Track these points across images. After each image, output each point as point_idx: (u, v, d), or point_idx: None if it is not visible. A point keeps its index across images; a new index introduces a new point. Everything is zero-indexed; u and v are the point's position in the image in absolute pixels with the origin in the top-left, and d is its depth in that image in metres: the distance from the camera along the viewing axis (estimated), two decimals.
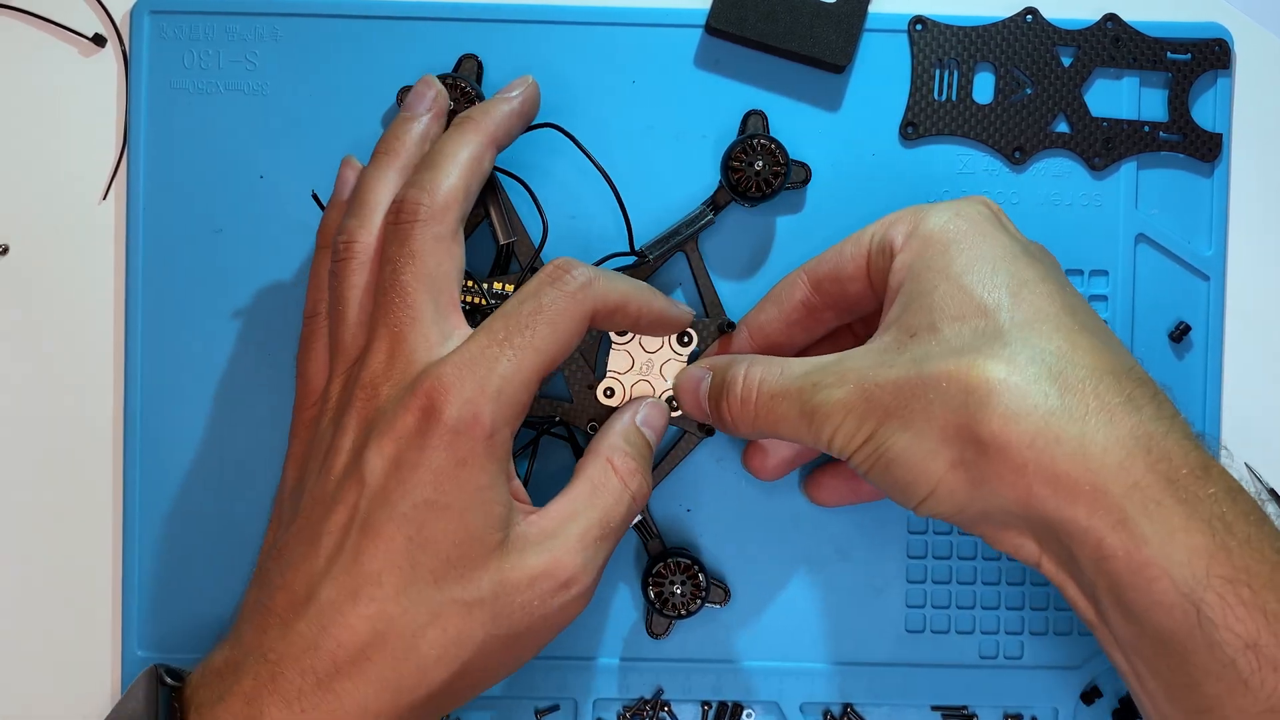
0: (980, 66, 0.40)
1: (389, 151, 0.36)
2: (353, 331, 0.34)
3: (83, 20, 0.40)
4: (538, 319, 0.32)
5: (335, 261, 0.35)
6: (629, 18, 0.40)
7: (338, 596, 0.30)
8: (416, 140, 0.36)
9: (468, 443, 0.31)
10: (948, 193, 0.40)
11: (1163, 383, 0.39)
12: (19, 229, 0.40)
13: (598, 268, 0.34)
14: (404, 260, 0.33)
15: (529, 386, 0.32)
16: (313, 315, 0.36)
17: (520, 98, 0.37)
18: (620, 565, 0.40)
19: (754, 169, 0.38)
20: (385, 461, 0.31)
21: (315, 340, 0.36)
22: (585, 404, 0.38)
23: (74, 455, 0.40)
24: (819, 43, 0.39)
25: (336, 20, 0.40)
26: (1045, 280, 0.32)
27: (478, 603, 0.31)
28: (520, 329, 0.32)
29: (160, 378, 0.40)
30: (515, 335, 0.32)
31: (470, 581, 0.31)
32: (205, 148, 0.40)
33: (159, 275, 0.40)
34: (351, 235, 0.34)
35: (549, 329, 0.32)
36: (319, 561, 0.31)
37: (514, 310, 0.33)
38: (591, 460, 0.35)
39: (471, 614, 0.31)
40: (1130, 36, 0.40)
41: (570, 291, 0.33)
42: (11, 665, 0.40)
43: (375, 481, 0.31)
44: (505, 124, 0.36)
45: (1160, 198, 0.40)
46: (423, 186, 0.34)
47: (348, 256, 0.34)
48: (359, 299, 0.34)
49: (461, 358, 0.32)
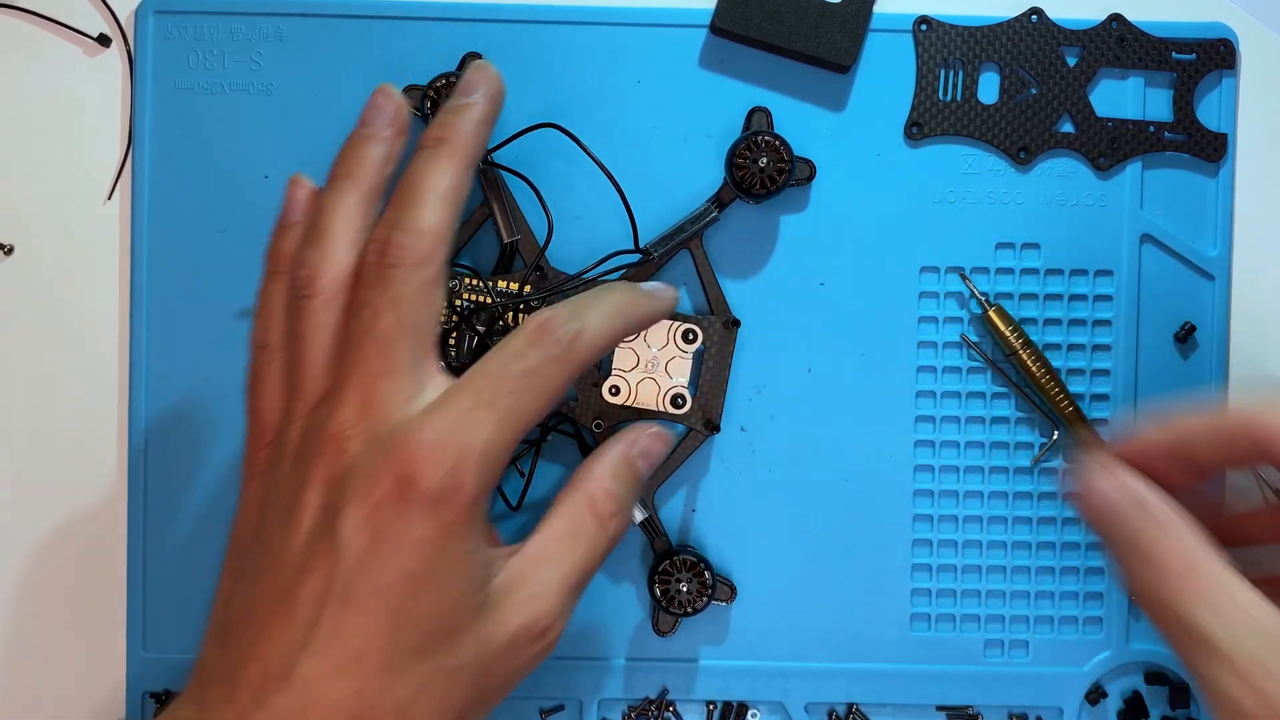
0: (985, 66, 0.40)
1: (349, 175, 0.34)
2: (316, 373, 0.32)
3: (87, 20, 0.40)
4: (525, 383, 0.31)
5: (297, 297, 0.33)
6: (633, 18, 0.40)
7: (319, 673, 0.29)
8: (378, 162, 0.34)
9: (451, 511, 0.29)
10: (953, 192, 0.40)
11: (1168, 384, 0.40)
12: (24, 229, 0.40)
13: (580, 303, 0.33)
14: (385, 306, 0.31)
15: (511, 450, 0.31)
16: (263, 346, 0.34)
17: (485, 99, 0.35)
18: (626, 564, 0.40)
19: (758, 166, 0.38)
20: (363, 531, 0.29)
21: (268, 374, 0.34)
22: (590, 401, 0.38)
23: (79, 456, 0.40)
24: (824, 43, 0.39)
25: (341, 20, 0.40)
26: None
27: (460, 669, 0.30)
28: (507, 392, 0.31)
29: (165, 378, 0.40)
30: (502, 398, 0.31)
31: (453, 648, 0.30)
32: (210, 148, 0.40)
33: (164, 275, 0.40)
34: (313, 270, 0.33)
35: (535, 394, 0.31)
36: (294, 633, 0.29)
37: (500, 371, 0.31)
38: (573, 495, 0.34)
39: (454, 681, 0.30)
40: (1135, 36, 0.40)
41: (558, 355, 0.32)
42: (16, 667, 0.40)
43: (353, 551, 0.29)
44: (479, 137, 0.35)
45: (1165, 198, 0.40)
46: (406, 227, 0.32)
47: (310, 294, 0.33)
48: (324, 339, 0.32)
49: (444, 421, 0.30)
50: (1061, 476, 0.40)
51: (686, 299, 0.40)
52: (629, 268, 0.38)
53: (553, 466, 0.39)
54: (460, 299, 0.38)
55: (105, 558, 0.40)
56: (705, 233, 0.39)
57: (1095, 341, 0.40)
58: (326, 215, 0.33)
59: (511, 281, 0.38)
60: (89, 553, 0.40)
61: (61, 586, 0.40)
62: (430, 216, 0.32)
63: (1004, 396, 0.40)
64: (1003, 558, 0.40)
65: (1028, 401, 0.40)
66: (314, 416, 0.32)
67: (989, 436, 0.40)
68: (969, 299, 0.40)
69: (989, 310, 0.39)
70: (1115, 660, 0.40)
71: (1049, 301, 0.40)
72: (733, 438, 0.40)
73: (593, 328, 0.32)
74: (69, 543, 0.40)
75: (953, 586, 0.40)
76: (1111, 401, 0.40)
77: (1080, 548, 0.40)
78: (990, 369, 0.40)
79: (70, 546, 0.40)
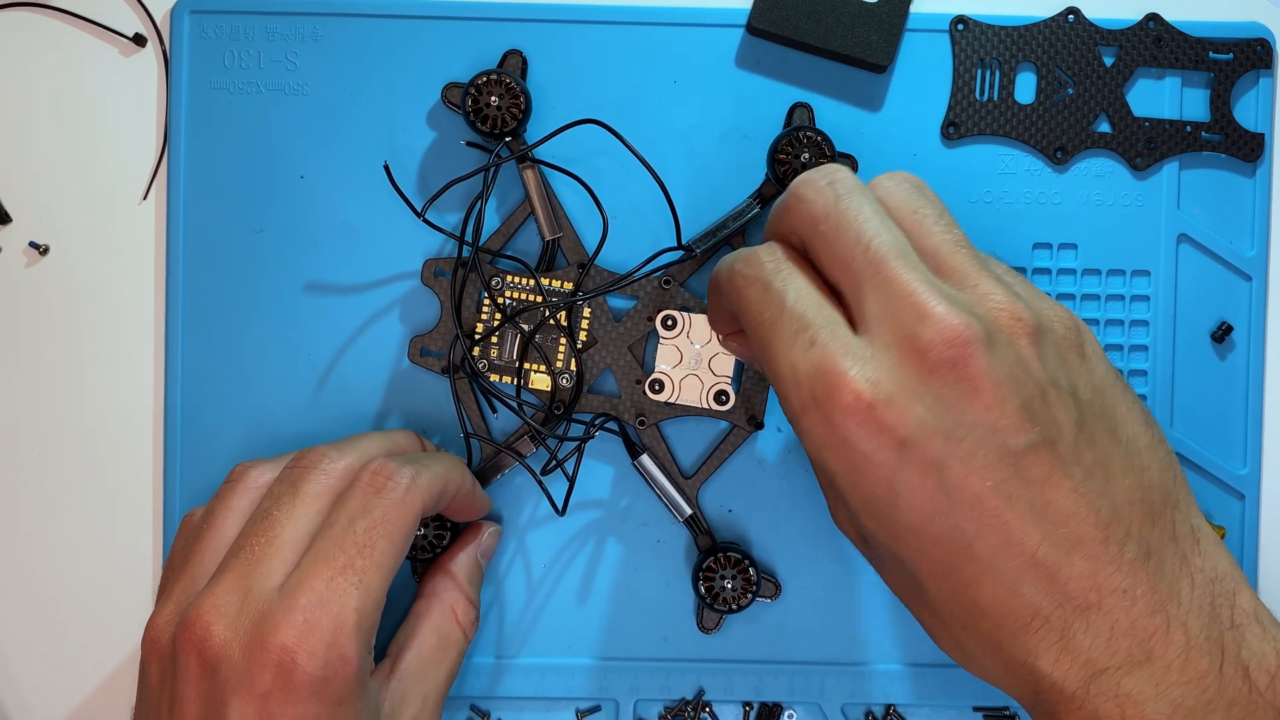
0: (1022, 66, 0.40)
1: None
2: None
3: (123, 20, 0.40)
4: (374, 534, 0.32)
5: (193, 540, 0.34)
6: (670, 17, 0.40)
7: None
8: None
9: (340, 684, 0.30)
10: (989, 192, 0.40)
11: (1205, 384, 0.40)
12: (59, 229, 0.40)
13: (412, 457, 0.34)
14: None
15: (381, 604, 0.32)
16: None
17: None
18: (666, 562, 0.40)
19: (800, 161, 0.38)
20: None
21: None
22: (633, 399, 0.38)
23: (114, 456, 0.40)
24: (860, 42, 0.39)
25: (378, 20, 0.39)
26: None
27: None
28: (360, 550, 0.31)
29: (200, 378, 0.39)
30: (357, 559, 0.31)
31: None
32: (246, 148, 0.39)
33: (199, 276, 0.39)
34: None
35: (386, 542, 0.32)
36: None
37: (345, 533, 0.32)
38: (436, 608, 0.36)
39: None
40: (1172, 36, 0.40)
41: (398, 499, 0.32)
42: (45, 670, 0.40)
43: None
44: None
45: (1202, 198, 0.40)
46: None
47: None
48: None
49: (308, 600, 0.31)
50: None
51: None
52: (673, 265, 0.38)
53: (597, 464, 0.39)
54: (504, 297, 0.38)
55: (138, 558, 0.40)
56: (748, 229, 0.39)
57: (1132, 342, 0.40)
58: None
59: (555, 279, 0.38)
60: (122, 553, 0.40)
61: (94, 587, 0.40)
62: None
63: None
64: None
65: None
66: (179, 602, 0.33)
67: None
68: None
69: None
70: None
71: (1086, 301, 0.40)
72: (771, 437, 0.40)
73: (426, 474, 0.34)
74: (102, 543, 0.40)
75: None
76: (1148, 401, 0.40)
77: None
78: None
79: (104, 547, 0.40)
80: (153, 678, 0.32)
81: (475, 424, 0.39)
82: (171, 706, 0.31)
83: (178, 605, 0.32)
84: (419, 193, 0.39)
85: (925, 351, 0.27)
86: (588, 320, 0.39)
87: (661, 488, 0.39)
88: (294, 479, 0.34)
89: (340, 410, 0.39)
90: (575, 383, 0.38)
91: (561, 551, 0.40)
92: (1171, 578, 0.28)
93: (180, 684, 0.31)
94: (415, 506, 0.33)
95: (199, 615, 0.31)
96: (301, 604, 0.30)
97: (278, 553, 0.32)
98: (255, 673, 0.30)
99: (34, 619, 0.40)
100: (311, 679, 0.30)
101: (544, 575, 0.40)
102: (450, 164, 0.39)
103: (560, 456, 0.37)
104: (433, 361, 0.39)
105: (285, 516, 0.33)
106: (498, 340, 0.38)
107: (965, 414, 0.27)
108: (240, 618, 0.31)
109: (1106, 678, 0.27)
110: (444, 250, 0.39)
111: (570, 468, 0.38)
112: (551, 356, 0.38)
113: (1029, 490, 0.27)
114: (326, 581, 0.31)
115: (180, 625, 0.31)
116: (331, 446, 0.35)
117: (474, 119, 0.37)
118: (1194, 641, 0.27)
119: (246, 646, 0.30)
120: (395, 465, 0.33)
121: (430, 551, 0.38)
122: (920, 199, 0.31)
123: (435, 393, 0.39)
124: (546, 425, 0.38)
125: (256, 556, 0.32)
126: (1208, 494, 0.40)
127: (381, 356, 0.39)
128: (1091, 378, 0.30)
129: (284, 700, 0.30)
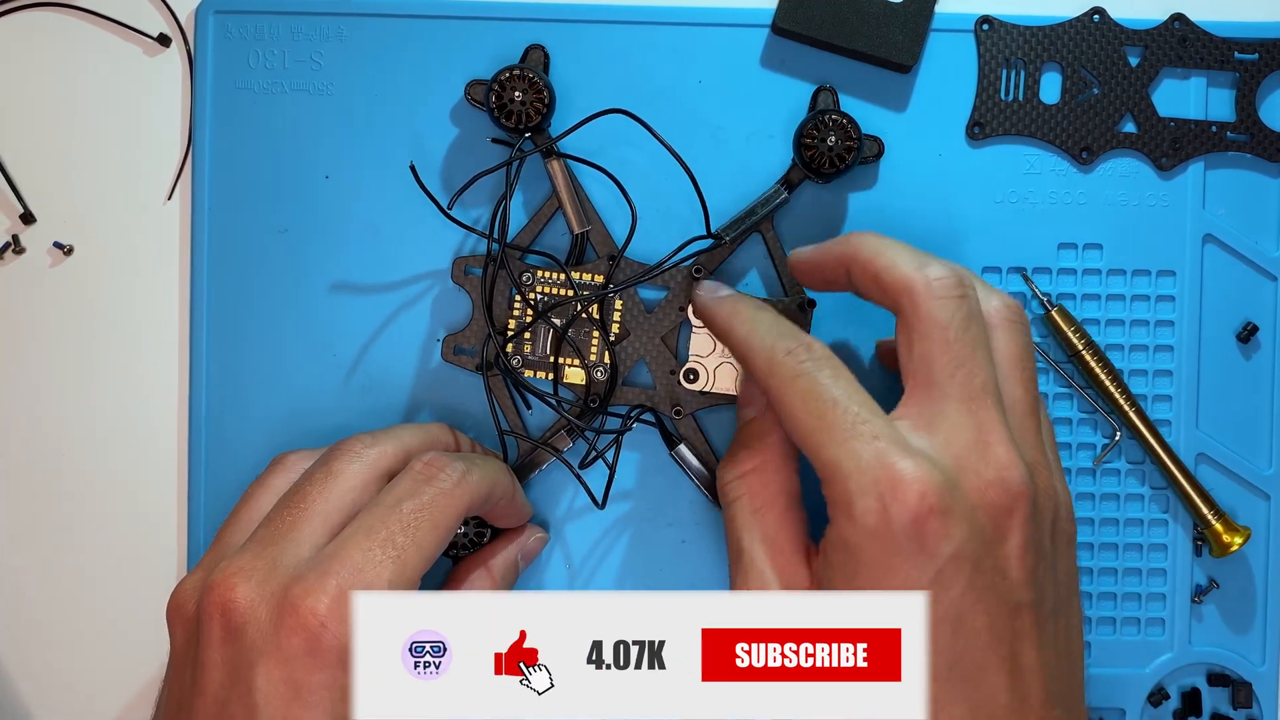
0: (1047, 66, 0.40)
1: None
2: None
3: (147, 20, 0.40)
4: (420, 517, 0.32)
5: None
6: (695, 17, 0.40)
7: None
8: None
9: None
10: (1015, 193, 0.40)
11: (1231, 384, 0.40)
12: (84, 229, 0.40)
13: (463, 455, 0.34)
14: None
15: (415, 587, 0.31)
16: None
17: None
18: (711, 549, 0.40)
19: (826, 144, 0.37)
20: (279, 684, 0.30)
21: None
22: (668, 389, 0.38)
23: (137, 458, 0.40)
24: (885, 42, 0.39)
25: (403, 20, 0.39)
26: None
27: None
28: (403, 529, 0.31)
29: (225, 379, 0.39)
30: (399, 535, 0.31)
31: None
32: (270, 148, 0.39)
33: (224, 276, 0.39)
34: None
35: (430, 526, 0.32)
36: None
37: (390, 511, 0.32)
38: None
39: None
40: (1198, 36, 0.40)
41: (448, 489, 0.33)
42: (72, 670, 0.40)
43: (275, 705, 0.29)
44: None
45: (1228, 198, 0.40)
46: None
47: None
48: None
49: (343, 568, 0.30)
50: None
51: (759, 283, 0.39)
52: (702, 253, 0.38)
53: (633, 454, 0.39)
54: (534, 293, 0.38)
55: (163, 557, 0.40)
56: (776, 215, 0.39)
57: (1157, 342, 0.40)
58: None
59: (585, 273, 0.38)
60: (147, 552, 0.40)
61: (118, 586, 0.40)
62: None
63: (1066, 397, 0.40)
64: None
65: (1089, 402, 0.40)
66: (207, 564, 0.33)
67: None
68: (1031, 299, 0.40)
69: (1051, 311, 0.39)
70: (1178, 661, 0.40)
71: (1111, 302, 0.40)
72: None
73: (478, 471, 0.34)
74: (127, 542, 0.40)
75: None
76: (1174, 402, 0.40)
77: (1142, 549, 0.40)
78: (1052, 370, 0.40)
79: (128, 546, 0.40)
80: (177, 645, 0.32)
81: (510, 421, 0.39)
82: (195, 673, 0.31)
83: (205, 572, 0.32)
84: (444, 191, 0.39)
85: (984, 490, 0.30)
86: (619, 313, 0.39)
87: (700, 477, 0.39)
88: (329, 460, 0.34)
89: (368, 409, 0.39)
90: (609, 375, 0.38)
91: (598, 544, 0.40)
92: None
93: (204, 649, 0.30)
94: (464, 500, 0.33)
95: (225, 577, 0.31)
96: (336, 570, 0.30)
97: (308, 523, 0.32)
98: (283, 636, 0.30)
99: (58, 620, 0.40)
100: (341, 646, 0.30)
101: (578, 569, 0.40)
102: (474, 161, 0.39)
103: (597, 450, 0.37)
104: (466, 359, 0.39)
105: (318, 493, 0.33)
106: (530, 336, 0.38)
107: (995, 554, 0.30)
108: (269, 581, 0.30)
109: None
110: (466, 247, 0.39)
111: (609, 459, 0.38)
112: (584, 350, 0.38)
113: (1015, 642, 0.30)
114: (364, 552, 0.31)
115: (206, 588, 0.31)
116: (368, 434, 0.35)
117: (498, 115, 0.37)
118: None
119: (275, 609, 0.30)
120: (448, 459, 0.33)
121: (469, 549, 0.38)
122: (1028, 355, 0.33)
123: (465, 390, 0.39)
124: (582, 419, 0.38)
125: (287, 527, 0.32)
126: (1233, 494, 0.40)
127: (409, 355, 0.39)
128: (1069, 564, 0.33)
129: (311, 666, 0.29)
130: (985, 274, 0.40)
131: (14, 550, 0.40)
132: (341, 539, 0.31)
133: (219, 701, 0.30)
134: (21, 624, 0.40)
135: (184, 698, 0.31)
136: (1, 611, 0.40)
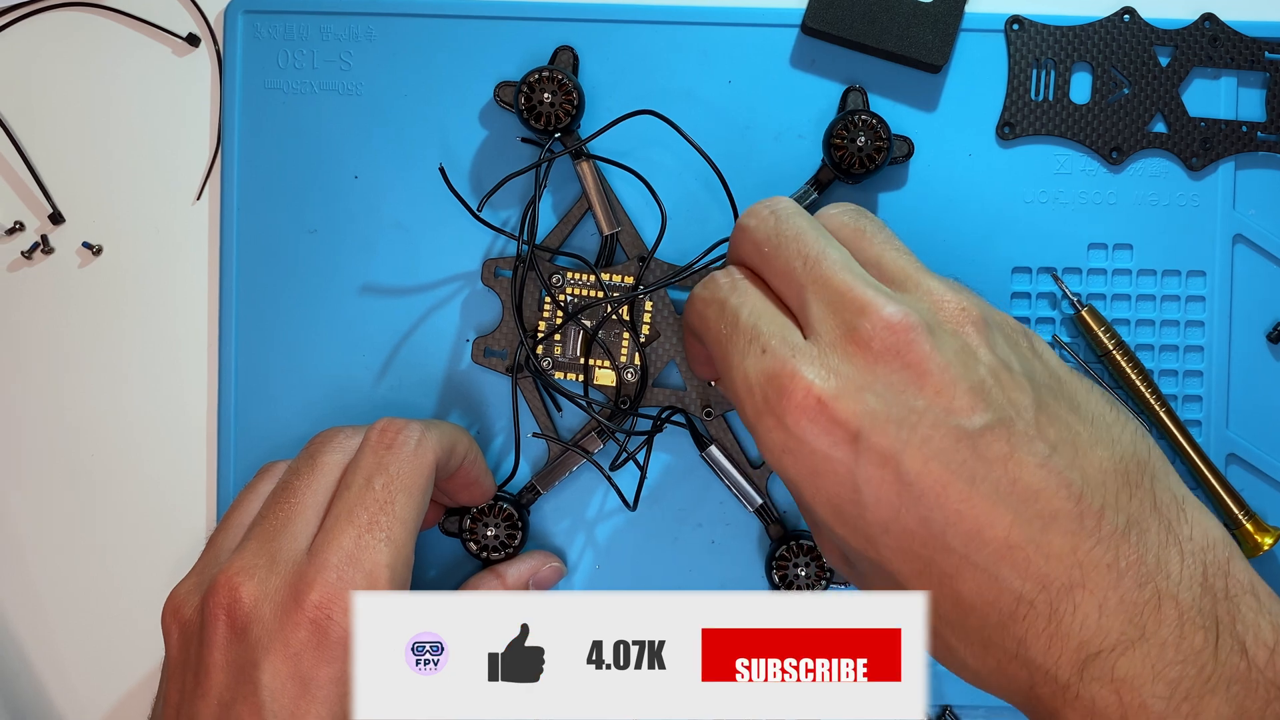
0: (1077, 66, 0.40)
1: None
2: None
3: (177, 20, 0.40)
4: (394, 491, 0.32)
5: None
6: (724, 17, 0.40)
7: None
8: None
9: None
10: (1045, 193, 0.40)
11: (1261, 384, 0.40)
12: (114, 229, 0.40)
13: (417, 420, 0.34)
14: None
15: (410, 561, 0.32)
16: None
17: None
18: (743, 550, 0.40)
19: (856, 145, 0.37)
20: (286, 680, 0.30)
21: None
22: (699, 390, 0.38)
23: (168, 457, 0.40)
24: (915, 42, 0.39)
25: (432, 20, 0.39)
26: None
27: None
28: (382, 508, 0.32)
29: (254, 378, 0.39)
30: (381, 516, 0.31)
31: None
32: (299, 148, 0.39)
33: (253, 276, 0.39)
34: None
35: (406, 497, 0.32)
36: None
37: (364, 491, 0.32)
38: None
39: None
40: (1228, 36, 0.40)
41: (410, 452, 0.33)
42: (102, 670, 0.40)
43: (283, 700, 0.30)
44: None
45: (1258, 198, 0.40)
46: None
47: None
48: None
49: (339, 558, 0.31)
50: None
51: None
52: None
53: (664, 455, 0.39)
54: (564, 294, 0.38)
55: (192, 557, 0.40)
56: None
57: (1188, 342, 0.40)
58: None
59: (615, 274, 0.38)
60: (176, 551, 0.40)
61: (147, 585, 0.40)
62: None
63: None
64: None
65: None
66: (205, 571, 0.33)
67: None
68: (1061, 300, 0.40)
69: (1081, 311, 0.39)
70: None
71: (1141, 302, 0.40)
72: None
73: (435, 430, 0.34)
74: (156, 543, 0.40)
75: None
76: (1204, 402, 0.40)
77: None
78: (1083, 370, 0.40)
79: (158, 546, 0.40)
80: (174, 650, 0.32)
81: (541, 423, 0.39)
82: (197, 676, 0.31)
83: (201, 576, 0.32)
84: (473, 193, 0.39)
85: (868, 342, 0.28)
86: (650, 314, 0.39)
87: (731, 478, 0.39)
88: (312, 452, 0.34)
89: (397, 412, 0.39)
90: (640, 377, 0.38)
91: (628, 545, 0.40)
92: (1158, 548, 0.27)
93: (206, 650, 0.30)
94: (429, 460, 0.33)
95: (227, 578, 0.31)
96: (333, 562, 0.30)
97: (301, 516, 0.32)
98: (289, 631, 0.30)
99: (88, 620, 0.40)
100: (348, 637, 0.30)
101: (608, 570, 0.40)
102: (504, 163, 0.39)
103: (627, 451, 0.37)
104: (496, 361, 0.39)
105: (305, 486, 0.33)
106: (560, 338, 0.38)
107: (915, 399, 0.27)
108: (270, 578, 0.31)
109: (1100, 661, 0.26)
110: (496, 249, 0.39)
111: (641, 460, 0.38)
112: (615, 352, 0.38)
113: (992, 470, 0.27)
114: (355, 539, 0.31)
115: (207, 591, 0.31)
116: (349, 426, 0.35)
117: (527, 116, 0.37)
118: (1186, 616, 0.26)
119: (279, 605, 0.30)
120: (403, 422, 0.33)
121: (500, 551, 0.38)
122: (861, 218, 0.32)
123: (495, 392, 0.39)
124: (612, 421, 0.38)
125: (280, 523, 0.32)
126: (1264, 495, 0.40)
127: (438, 357, 0.39)
128: (1046, 365, 0.30)
129: (318, 659, 0.30)
130: (1015, 274, 0.40)
131: (44, 549, 0.40)
132: (326, 528, 0.31)
133: (223, 704, 0.30)
134: (53, 623, 0.40)
135: (184, 702, 0.31)
136: (33, 610, 0.40)
